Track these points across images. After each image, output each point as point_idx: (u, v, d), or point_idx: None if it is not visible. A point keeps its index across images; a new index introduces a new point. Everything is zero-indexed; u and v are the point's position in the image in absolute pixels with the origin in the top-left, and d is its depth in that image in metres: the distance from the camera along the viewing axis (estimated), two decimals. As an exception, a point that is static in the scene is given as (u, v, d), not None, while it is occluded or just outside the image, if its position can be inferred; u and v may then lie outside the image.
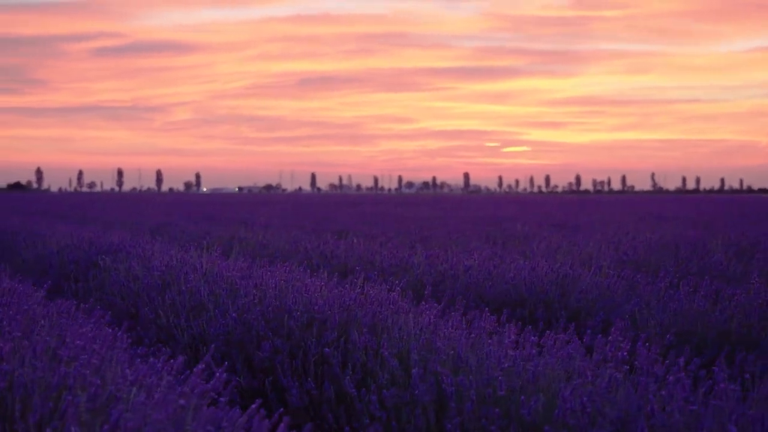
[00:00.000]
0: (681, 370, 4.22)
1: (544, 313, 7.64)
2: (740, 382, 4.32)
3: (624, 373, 4.36)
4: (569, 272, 8.14)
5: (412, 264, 9.65)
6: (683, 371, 4.17)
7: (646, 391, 3.94)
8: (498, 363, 4.65)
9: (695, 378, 4.40)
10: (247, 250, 12.93)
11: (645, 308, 7.03)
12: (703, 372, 4.33)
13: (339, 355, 5.64)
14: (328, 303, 6.26)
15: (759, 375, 5.68)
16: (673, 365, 4.29)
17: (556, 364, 4.57)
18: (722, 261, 9.69)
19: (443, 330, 5.39)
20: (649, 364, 4.22)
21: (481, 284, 8.40)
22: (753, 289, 6.81)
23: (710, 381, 4.10)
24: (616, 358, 4.35)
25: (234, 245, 13.53)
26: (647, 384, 4.02)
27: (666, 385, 4.03)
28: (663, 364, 4.27)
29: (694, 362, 4.53)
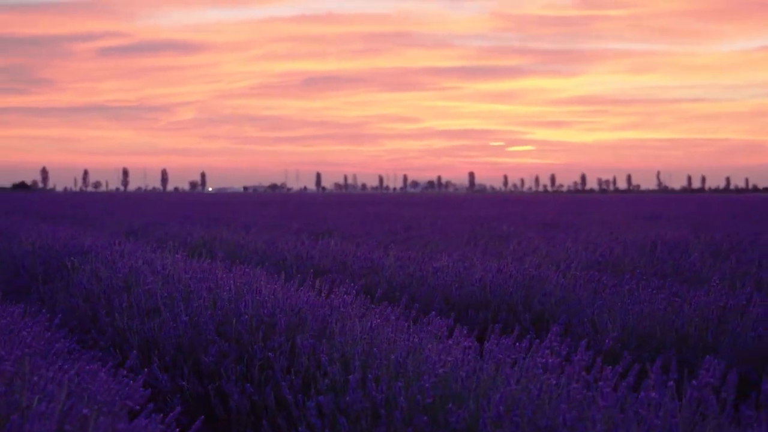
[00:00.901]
0: (616, 377, 4.11)
1: (506, 316, 7.53)
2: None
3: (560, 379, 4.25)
4: (536, 274, 8.02)
5: (383, 265, 9.54)
6: (615, 378, 4.06)
7: (572, 399, 3.82)
8: (433, 369, 4.54)
9: (629, 386, 4.27)
10: (224, 251, 12.83)
11: (607, 311, 6.92)
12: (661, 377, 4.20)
13: (283, 359, 5.54)
14: (279, 306, 6.16)
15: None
16: (607, 373, 4.16)
17: (492, 370, 4.46)
18: (696, 262, 9.56)
19: (387, 334, 5.28)
20: (578, 371, 4.10)
21: (448, 286, 8.29)
22: (713, 292, 6.69)
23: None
24: (546, 364, 4.22)
25: (215, 246, 13.44)
26: (575, 392, 3.90)
27: (600, 393, 3.92)
28: (591, 371, 4.14)
29: (635, 368, 4.41)
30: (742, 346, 5.77)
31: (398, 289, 8.75)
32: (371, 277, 9.26)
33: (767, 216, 23.42)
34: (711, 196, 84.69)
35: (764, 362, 5.62)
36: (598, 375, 4.10)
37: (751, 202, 45.75)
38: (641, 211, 27.23)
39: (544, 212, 27.08)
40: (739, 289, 7.02)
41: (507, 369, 4.23)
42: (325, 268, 10.46)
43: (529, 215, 24.37)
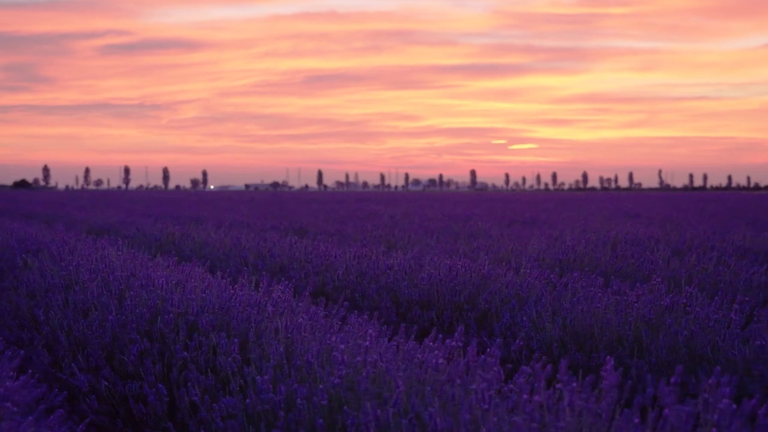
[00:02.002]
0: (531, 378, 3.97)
1: (451, 315, 7.39)
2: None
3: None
4: (486, 272, 7.88)
5: (338, 263, 9.40)
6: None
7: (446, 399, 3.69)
8: (337, 371, 4.40)
9: (532, 389, 4.13)
10: (189, 248, 12.70)
11: (550, 310, 6.78)
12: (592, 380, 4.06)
13: (202, 359, 5.41)
14: (207, 305, 6.03)
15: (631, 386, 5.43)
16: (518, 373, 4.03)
17: (398, 372, 4.32)
18: (657, 260, 9.42)
19: (303, 335, 5.14)
20: (461, 370, 3.96)
21: (397, 284, 8.15)
22: (653, 290, 6.55)
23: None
24: (438, 365, 4.08)
25: (183, 244, 13.30)
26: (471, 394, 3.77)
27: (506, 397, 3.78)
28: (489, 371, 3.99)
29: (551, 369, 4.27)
30: (673, 347, 5.63)
31: (349, 288, 8.62)
32: (325, 274, 9.12)
33: (749, 213, 23.30)
34: (708, 194, 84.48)
35: (693, 362, 5.48)
36: (479, 375, 3.95)
37: (744, 200, 45.62)
38: (626, 210, 27.09)
39: (529, 210, 26.94)
40: (684, 287, 6.86)
41: (397, 372, 4.09)
42: (285, 265, 10.32)
43: (511, 213, 24.23)
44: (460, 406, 3.58)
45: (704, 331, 5.66)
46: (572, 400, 3.38)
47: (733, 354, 5.28)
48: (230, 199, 52.02)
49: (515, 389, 3.74)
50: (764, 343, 5.20)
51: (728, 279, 8.22)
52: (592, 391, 3.89)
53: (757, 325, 5.69)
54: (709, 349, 5.42)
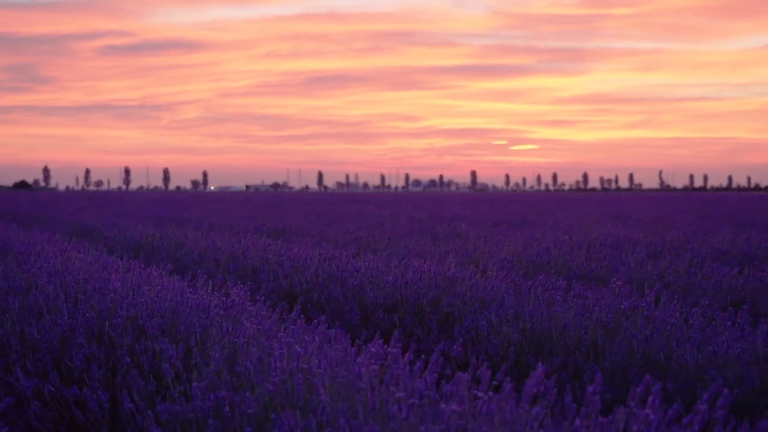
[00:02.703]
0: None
1: (412, 319, 7.29)
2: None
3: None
4: (451, 274, 7.78)
5: (307, 265, 9.30)
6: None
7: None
8: (271, 378, 4.30)
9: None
10: (166, 251, 12.61)
11: (512, 314, 6.67)
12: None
13: (147, 365, 5.31)
14: (157, 309, 5.94)
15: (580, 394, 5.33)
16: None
17: (333, 380, 4.22)
18: (630, 263, 9.31)
19: (242, 340, 5.04)
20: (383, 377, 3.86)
21: (363, 287, 8.05)
22: (617, 294, 6.45)
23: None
24: (360, 374, 3.97)
25: (161, 246, 13.21)
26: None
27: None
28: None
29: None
30: (628, 351, 5.53)
31: (316, 290, 8.52)
32: (293, 277, 9.02)
33: (742, 215, 23.19)
34: (706, 195, 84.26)
35: (647, 367, 5.38)
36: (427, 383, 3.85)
37: (742, 201, 45.49)
38: (618, 211, 26.99)
39: (521, 211, 26.84)
40: (646, 291, 6.75)
41: (333, 380, 3.99)
42: (257, 267, 10.22)
43: (502, 214, 24.13)
44: (382, 416, 3.48)
45: (660, 335, 5.56)
46: (489, 408, 3.28)
47: (685, 359, 5.18)
48: (225, 200, 51.92)
49: (442, 396, 3.65)
50: (716, 348, 5.10)
51: (698, 282, 8.12)
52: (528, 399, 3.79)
53: (715, 329, 5.60)
54: (662, 355, 5.32)
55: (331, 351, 4.78)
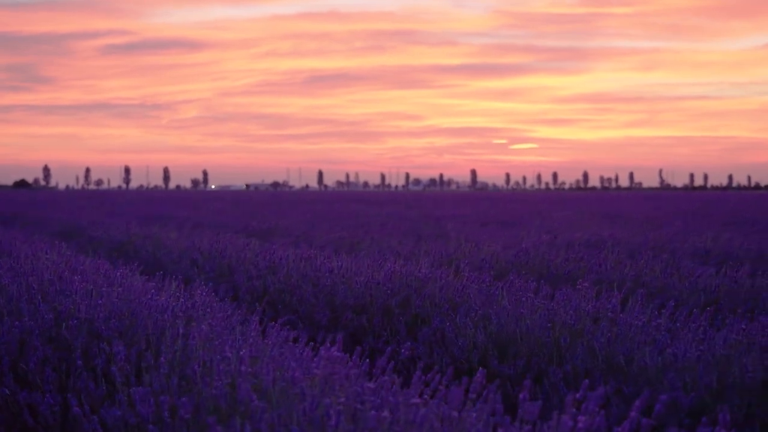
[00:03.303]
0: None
1: (381, 320, 7.21)
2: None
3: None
4: (421, 275, 7.70)
5: (282, 265, 9.23)
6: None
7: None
8: (216, 382, 4.23)
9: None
10: (147, 250, 12.54)
11: (481, 315, 6.60)
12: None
13: (100, 368, 5.24)
14: (115, 310, 5.86)
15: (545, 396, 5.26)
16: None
17: (278, 382, 4.14)
18: (607, 263, 9.23)
19: (193, 345, 4.97)
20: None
21: (335, 288, 7.97)
22: (584, 295, 6.38)
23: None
24: (292, 378, 3.90)
25: (143, 245, 13.15)
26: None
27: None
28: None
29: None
30: (590, 354, 5.46)
31: (287, 292, 8.45)
32: (267, 278, 8.94)
33: (734, 214, 23.12)
34: (705, 194, 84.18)
35: (609, 370, 5.31)
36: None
37: (739, 200, 45.41)
38: (611, 210, 26.91)
39: (514, 210, 26.77)
40: (617, 291, 6.67)
41: (276, 385, 3.91)
42: (234, 267, 10.15)
43: (494, 213, 24.06)
44: (313, 423, 3.41)
45: (622, 338, 5.49)
46: (426, 414, 3.20)
47: (645, 362, 5.11)
48: (220, 199, 51.84)
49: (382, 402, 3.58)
50: (677, 351, 5.03)
51: (673, 282, 8.04)
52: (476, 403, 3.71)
53: (677, 331, 5.53)
54: (622, 358, 5.24)
55: (286, 354, 4.72)
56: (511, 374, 5.78)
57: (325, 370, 3.94)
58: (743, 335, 5.08)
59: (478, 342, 6.14)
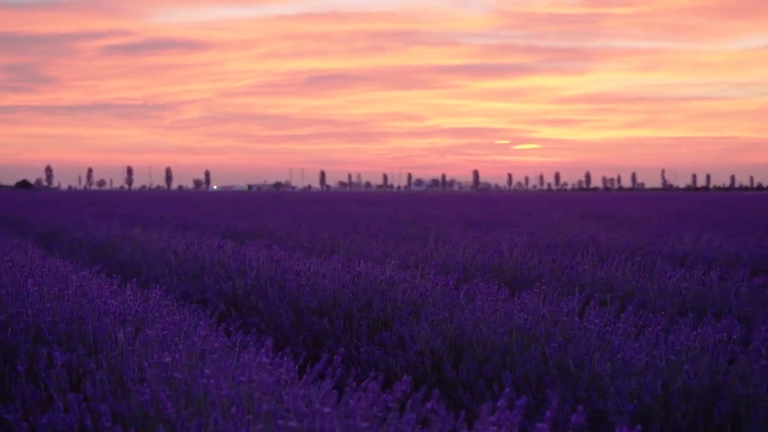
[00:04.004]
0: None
1: (343, 324, 7.12)
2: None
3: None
4: (385, 277, 7.61)
5: (253, 267, 9.14)
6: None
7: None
8: (146, 388, 4.14)
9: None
10: (125, 252, 12.46)
11: (439, 318, 6.51)
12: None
13: (43, 372, 5.15)
14: (65, 314, 5.78)
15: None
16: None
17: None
18: (581, 265, 9.14)
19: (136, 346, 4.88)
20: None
21: (301, 291, 7.89)
22: (543, 299, 6.29)
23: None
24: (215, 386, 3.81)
25: (121, 247, 13.08)
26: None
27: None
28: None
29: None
30: (542, 359, 5.37)
31: (254, 294, 8.36)
32: (235, 280, 8.85)
33: (725, 216, 23.03)
34: (703, 195, 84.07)
35: (561, 375, 5.21)
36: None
37: (737, 201, 45.28)
38: (602, 211, 26.81)
39: (502, 212, 26.68)
40: (578, 294, 6.58)
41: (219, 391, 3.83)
42: (207, 267, 10.06)
43: (483, 215, 23.97)
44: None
45: (575, 342, 5.39)
46: (331, 426, 3.11)
47: (594, 368, 5.02)
48: (216, 200, 51.77)
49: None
50: (626, 356, 4.94)
51: (642, 285, 7.95)
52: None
53: (639, 337, 5.44)
54: (572, 363, 5.15)
55: (222, 360, 4.63)
56: (464, 379, 5.69)
57: (250, 377, 3.85)
58: (697, 340, 4.99)
59: (435, 346, 6.06)
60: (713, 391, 4.53)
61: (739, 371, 4.55)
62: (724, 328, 5.18)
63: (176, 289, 9.53)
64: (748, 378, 4.47)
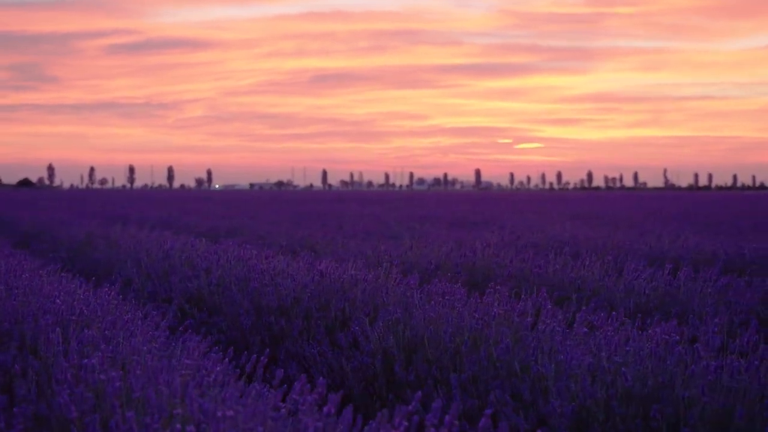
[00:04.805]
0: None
1: (300, 323, 7.02)
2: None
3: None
4: (347, 277, 7.51)
5: (216, 266, 9.05)
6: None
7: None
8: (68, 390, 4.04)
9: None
10: (101, 251, 12.39)
11: (394, 318, 6.40)
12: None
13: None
14: (7, 314, 5.69)
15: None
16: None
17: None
18: (553, 264, 9.03)
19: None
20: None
21: (263, 290, 7.79)
22: (497, 298, 6.18)
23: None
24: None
25: (99, 245, 13.00)
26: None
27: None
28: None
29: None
30: (488, 360, 5.26)
31: (218, 294, 8.27)
32: (201, 279, 8.75)
33: (715, 216, 22.92)
34: (702, 195, 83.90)
35: (509, 377, 5.11)
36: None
37: (734, 201, 45.16)
38: (590, 211, 26.71)
39: (492, 211, 26.57)
40: (534, 294, 6.47)
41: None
42: (176, 266, 9.97)
43: (471, 214, 23.87)
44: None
45: (522, 344, 5.29)
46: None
47: (537, 370, 4.92)
48: (209, 199, 51.69)
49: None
50: (568, 357, 4.84)
51: (607, 284, 7.85)
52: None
53: (589, 338, 5.33)
54: (517, 365, 5.05)
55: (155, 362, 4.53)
56: (412, 380, 5.60)
57: (168, 381, 3.75)
58: (643, 342, 4.89)
59: (387, 347, 5.96)
60: (656, 393, 4.43)
61: (681, 373, 4.45)
62: (674, 328, 5.07)
63: (144, 289, 9.45)
64: (689, 380, 4.37)
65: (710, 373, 4.27)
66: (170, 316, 6.61)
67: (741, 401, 4.19)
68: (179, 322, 8.00)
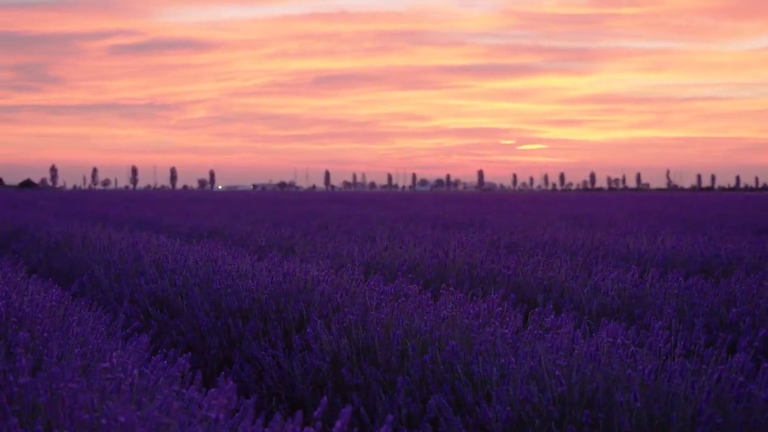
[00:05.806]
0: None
1: (255, 324, 6.92)
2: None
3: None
4: (311, 278, 7.41)
5: (185, 267, 8.95)
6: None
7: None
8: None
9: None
10: (81, 252, 12.31)
11: (352, 319, 6.30)
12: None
13: None
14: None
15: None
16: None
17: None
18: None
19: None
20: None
21: (222, 292, 7.68)
22: (452, 299, 6.07)
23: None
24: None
25: (75, 245, 12.92)
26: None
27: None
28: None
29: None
30: (433, 362, 5.15)
31: (181, 295, 8.17)
32: (165, 280, 8.65)
33: (706, 217, 22.81)
34: (700, 196, 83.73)
35: (455, 380, 5.00)
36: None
37: (733, 202, 45.02)
38: (585, 212, 26.60)
39: (484, 212, 26.47)
40: (493, 295, 6.36)
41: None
42: (144, 268, 9.87)
43: (458, 215, 23.77)
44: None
45: (468, 347, 5.19)
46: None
47: (480, 373, 4.81)
48: (207, 199, 51.61)
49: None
50: (509, 361, 4.73)
51: (574, 287, 7.74)
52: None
53: (539, 342, 5.22)
54: (459, 368, 4.94)
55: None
56: (360, 384, 5.49)
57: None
58: (590, 345, 4.77)
59: (337, 349, 5.86)
60: (592, 398, 4.32)
61: (621, 377, 4.34)
62: (621, 331, 4.96)
63: (112, 290, 9.37)
64: (626, 384, 4.26)
65: (646, 376, 4.16)
66: (123, 319, 6.49)
67: (678, 407, 4.08)
68: (143, 324, 7.91)
